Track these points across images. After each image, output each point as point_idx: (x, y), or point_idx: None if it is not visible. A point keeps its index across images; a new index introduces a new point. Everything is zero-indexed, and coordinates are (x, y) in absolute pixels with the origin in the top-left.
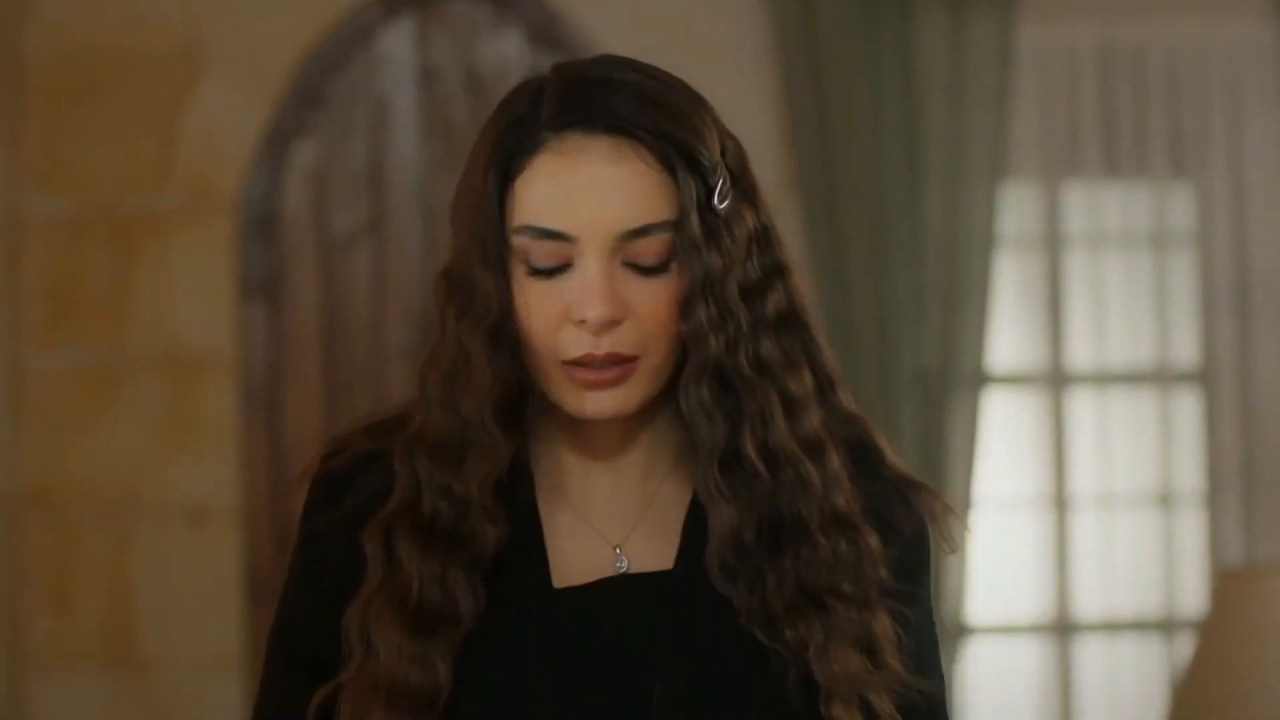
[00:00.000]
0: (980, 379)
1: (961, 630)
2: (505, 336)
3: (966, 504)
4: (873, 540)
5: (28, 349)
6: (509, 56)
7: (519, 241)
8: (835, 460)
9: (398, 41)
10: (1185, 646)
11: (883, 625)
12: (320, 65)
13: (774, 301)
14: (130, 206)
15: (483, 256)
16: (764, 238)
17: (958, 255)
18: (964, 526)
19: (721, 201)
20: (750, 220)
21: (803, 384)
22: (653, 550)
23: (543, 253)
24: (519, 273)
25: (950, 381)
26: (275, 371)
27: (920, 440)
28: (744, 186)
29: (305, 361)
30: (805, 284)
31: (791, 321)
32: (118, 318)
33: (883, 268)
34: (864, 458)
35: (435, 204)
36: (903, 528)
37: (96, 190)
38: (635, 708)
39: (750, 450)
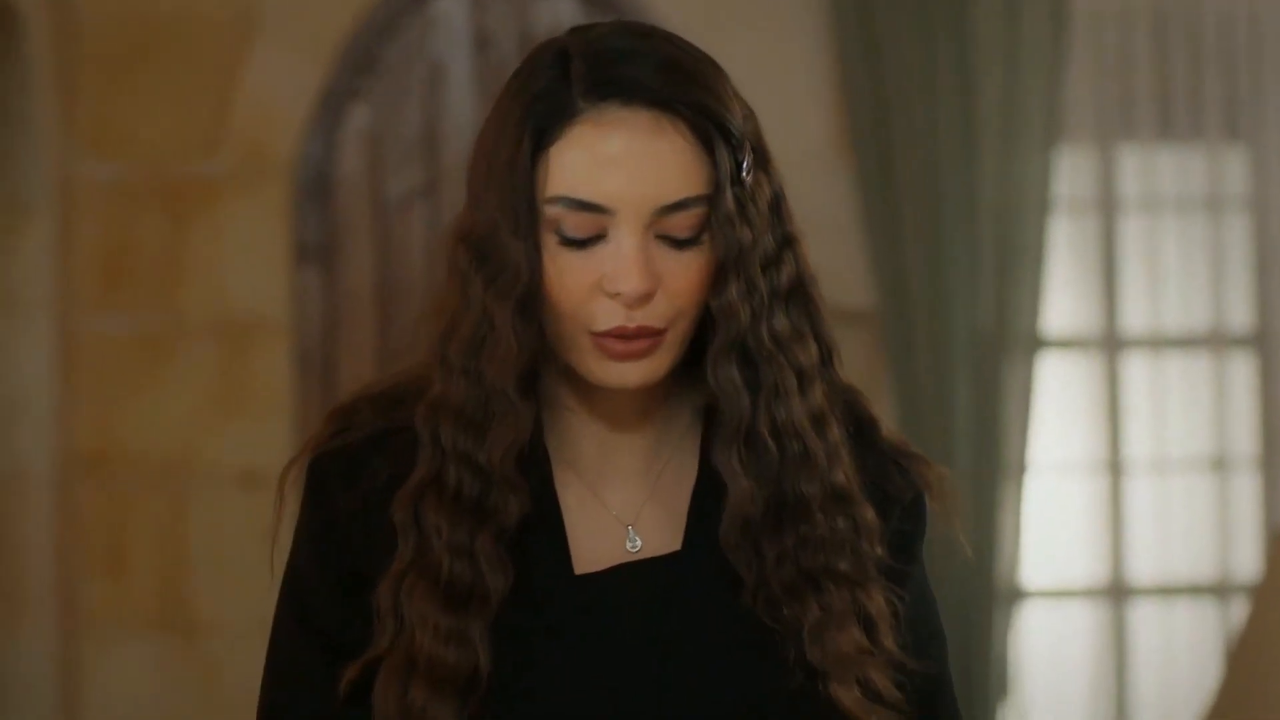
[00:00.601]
0: (1035, 343)
1: (1016, 594)
2: (533, 306)
3: (1021, 467)
4: (870, 515)
5: (82, 314)
6: (563, 21)
7: (552, 211)
8: (836, 432)
9: (452, 6)
10: (1240, 610)
11: (878, 603)
12: (375, 29)
13: (786, 273)
14: (184, 171)
15: (513, 225)
16: (778, 206)
17: (1012, 219)
18: (958, 495)
19: (749, 174)
20: (768, 189)
21: (810, 356)
22: (661, 529)
23: (576, 223)
24: (549, 242)
25: (1005, 345)
26: (329, 335)
27: (975, 404)
28: (760, 155)
29: (359, 325)
30: (809, 253)
31: (800, 292)
32: (172, 282)
33: (937, 231)
34: (860, 429)
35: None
36: (900, 497)
37: (151, 155)
38: (650, 694)
39: (763, 426)
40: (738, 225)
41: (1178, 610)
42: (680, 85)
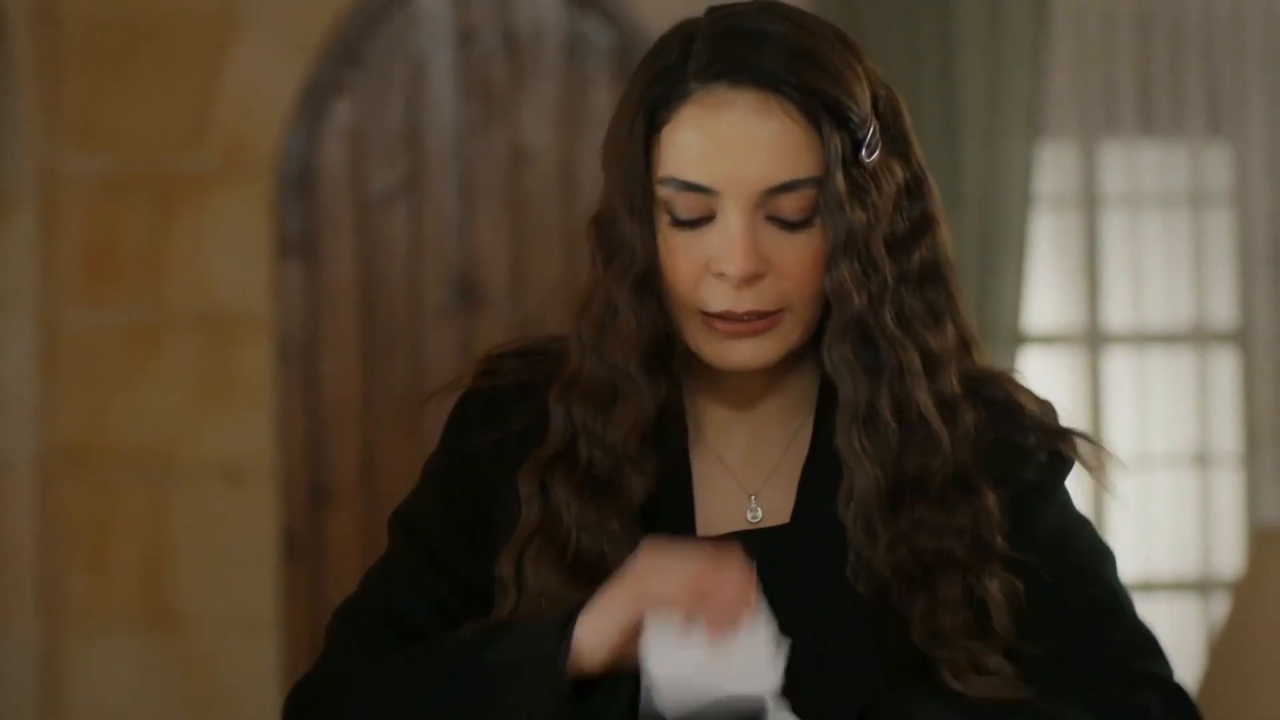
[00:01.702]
0: (1017, 338)
1: None
2: (650, 286)
3: None
4: (992, 503)
5: (65, 307)
6: (545, 16)
7: (663, 192)
8: (968, 419)
9: (435, 1)
10: (1221, 606)
11: (994, 590)
12: (358, 24)
13: (920, 255)
14: (168, 165)
15: (629, 206)
16: (915, 189)
17: (994, 214)
18: (1116, 469)
19: (870, 155)
20: (900, 172)
21: (944, 341)
22: (783, 501)
23: (686, 204)
24: (663, 223)
25: (987, 341)
26: (312, 330)
27: None
28: (895, 137)
29: (342, 320)
30: (952, 237)
31: (935, 276)
32: (155, 276)
33: None
34: (1002, 417)
35: (472, 163)
36: (1023, 483)
37: (134, 149)
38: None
39: (885, 408)
40: (849, 207)
41: (1160, 606)
42: (790, 65)
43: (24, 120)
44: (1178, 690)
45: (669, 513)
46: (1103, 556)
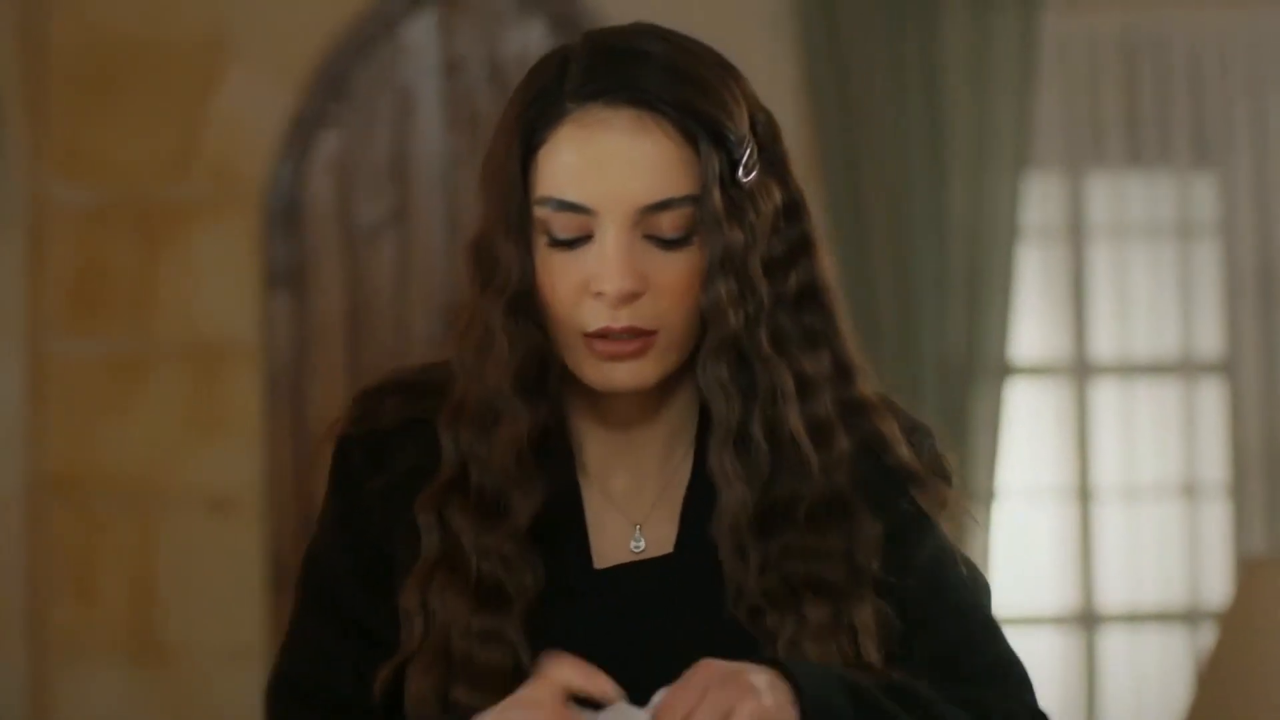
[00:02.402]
0: (1004, 369)
1: None
2: (526, 308)
3: (990, 494)
4: (867, 527)
5: (52, 337)
6: (532, 47)
7: (541, 213)
8: (843, 444)
9: (422, 32)
10: (1209, 637)
11: (865, 616)
12: (344, 56)
13: (797, 277)
14: (155, 195)
15: (505, 227)
16: (792, 212)
17: (981, 244)
18: (974, 515)
19: (747, 175)
20: (778, 194)
21: (818, 364)
22: (664, 530)
23: (563, 224)
24: (541, 244)
25: (973, 371)
26: (300, 361)
27: (944, 430)
28: (772, 159)
29: (330, 351)
30: (831, 262)
31: (813, 299)
32: (142, 306)
33: (906, 257)
34: (870, 449)
35: (459, 194)
36: (900, 513)
37: (121, 179)
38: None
39: (757, 430)
40: (726, 226)
41: (1147, 637)
42: (667, 84)
43: (11, 149)
44: (1040, 717)
45: (564, 540)
46: (977, 589)
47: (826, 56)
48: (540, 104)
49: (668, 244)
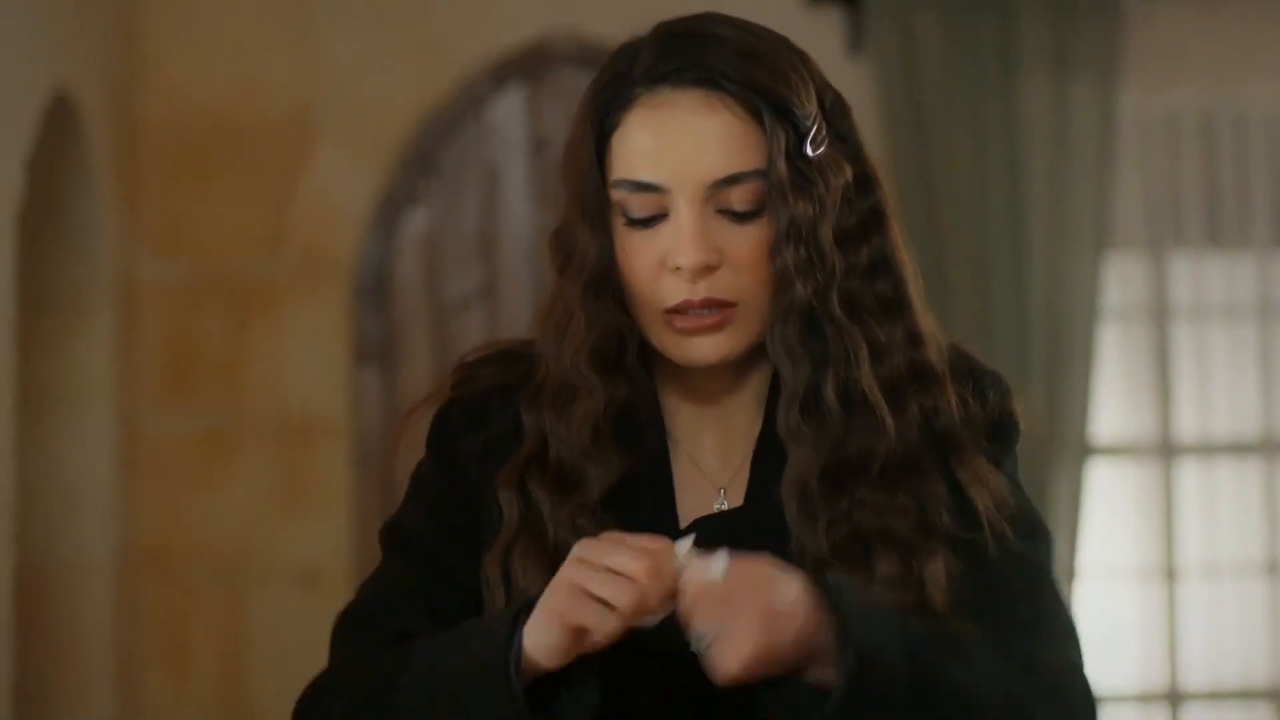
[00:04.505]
0: (1084, 448)
1: None
2: (604, 288)
3: (1071, 573)
4: (939, 488)
5: (145, 412)
6: None
7: (617, 195)
8: (914, 406)
9: (508, 110)
10: None
11: (935, 570)
12: (432, 134)
13: (869, 248)
14: (245, 272)
15: (583, 211)
16: (864, 185)
17: (1062, 324)
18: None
19: (815, 149)
20: (848, 168)
21: (892, 330)
22: (743, 490)
23: (639, 204)
24: (619, 225)
25: (1054, 450)
26: (388, 436)
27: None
28: (843, 135)
29: (418, 426)
30: (904, 233)
31: (886, 269)
32: (233, 382)
33: (987, 335)
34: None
35: (546, 270)
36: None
37: (212, 255)
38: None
39: (830, 393)
40: (793, 197)
41: (1230, 715)
42: (732, 63)
43: (103, 226)
44: (1082, 681)
45: (651, 508)
46: (1036, 540)
47: (909, 137)
48: (611, 90)
49: (740, 217)
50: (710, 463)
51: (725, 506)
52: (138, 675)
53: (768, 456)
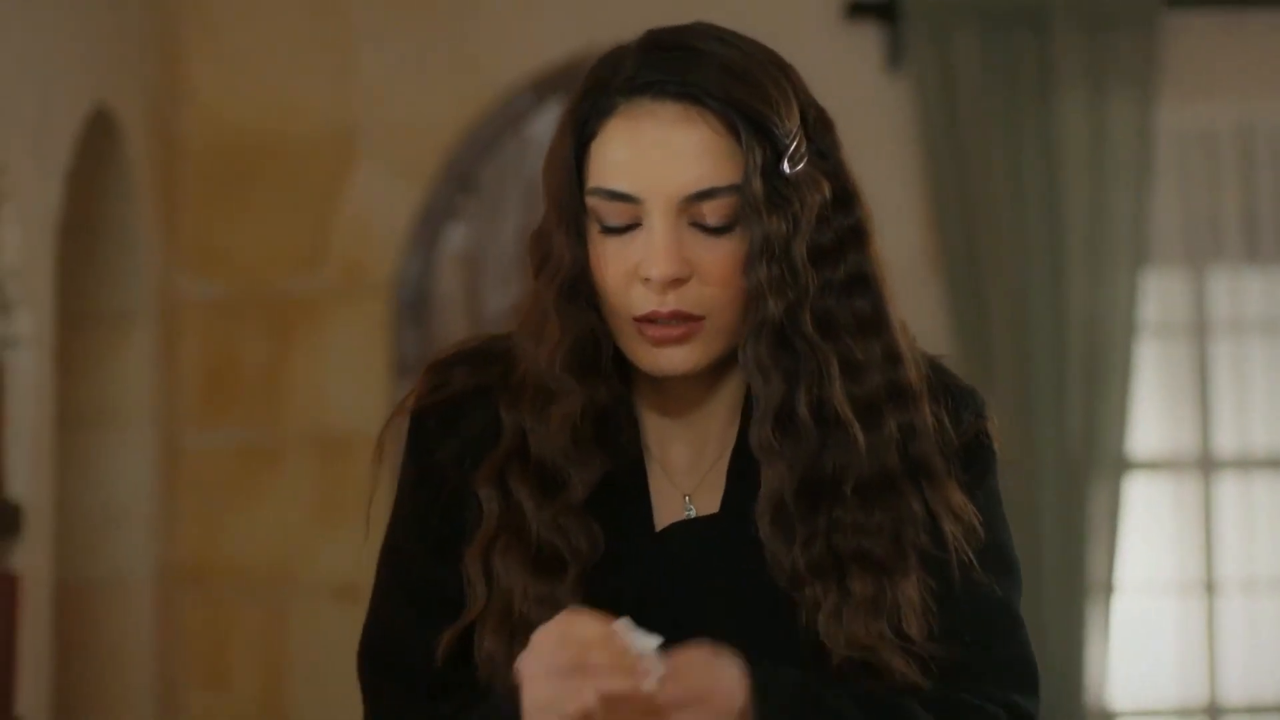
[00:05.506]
0: (1122, 464)
1: (1104, 715)
2: (578, 292)
3: (1108, 587)
4: (915, 506)
5: (185, 429)
6: None
7: (592, 202)
8: (891, 425)
9: (547, 126)
10: None
11: (909, 592)
12: (471, 150)
13: (846, 266)
14: (285, 289)
15: (560, 216)
16: (843, 203)
17: (1100, 340)
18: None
19: (793, 166)
20: (827, 185)
21: (868, 348)
22: (711, 499)
23: (613, 212)
24: (594, 231)
25: (1092, 466)
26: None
27: (1062, 524)
28: (823, 152)
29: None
30: (883, 251)
31: (863, 287)
32: (273, 398)
33: (1025, 352)
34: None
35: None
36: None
37: (252, 273)
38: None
39: (803, 409)
40: (767, 214)
41: None
42: (712, 78)
43: (144, 243)
44: (1019, 713)
45: (628, 511)
46: (1001, 572)
47: (947, 152)
48: (593, 98)
49: (712, 231)
50: (678, 468)
51: (693, 513)
52: (178, 691)
53: (744, 471)
